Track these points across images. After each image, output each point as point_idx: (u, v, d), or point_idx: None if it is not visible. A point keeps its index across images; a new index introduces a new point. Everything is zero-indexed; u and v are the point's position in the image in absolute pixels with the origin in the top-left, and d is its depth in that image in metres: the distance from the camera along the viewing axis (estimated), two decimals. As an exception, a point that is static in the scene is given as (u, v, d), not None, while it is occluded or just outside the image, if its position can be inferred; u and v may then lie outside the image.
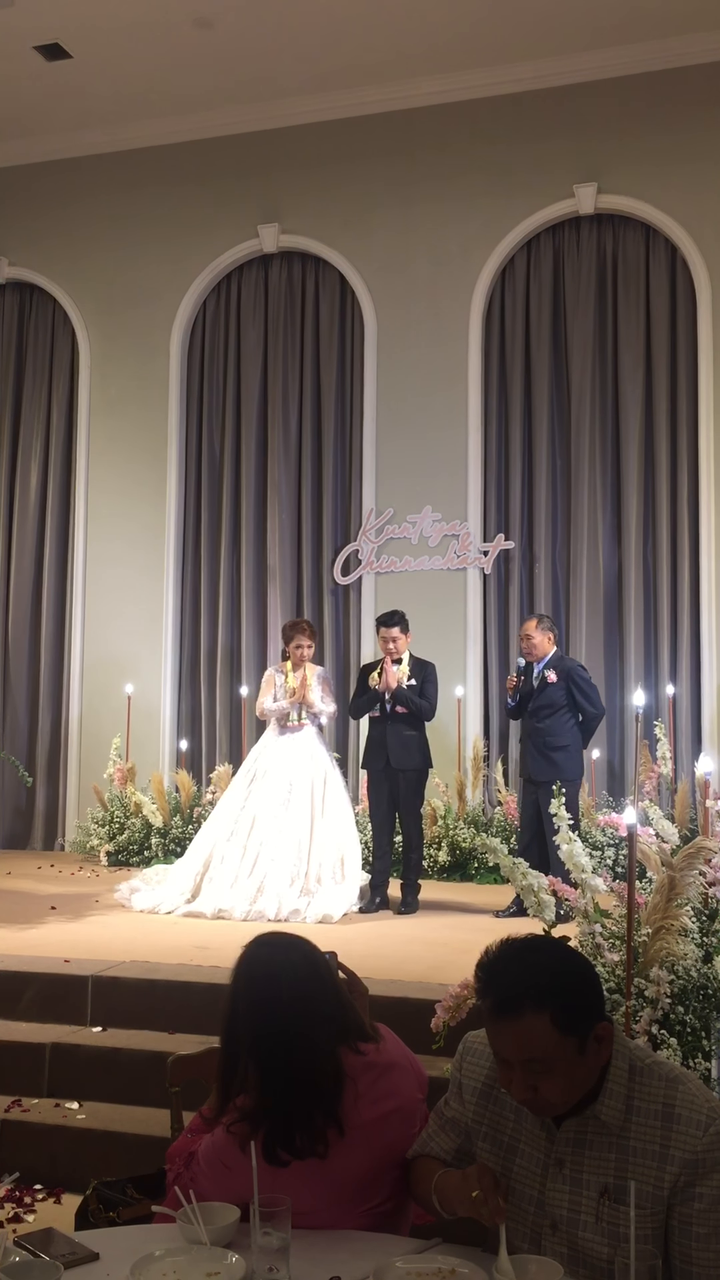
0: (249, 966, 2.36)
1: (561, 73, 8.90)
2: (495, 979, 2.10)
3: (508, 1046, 2.06)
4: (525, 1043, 2.03)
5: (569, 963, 2.14)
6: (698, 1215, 1.99)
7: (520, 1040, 2.03)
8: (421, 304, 9.29)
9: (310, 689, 7.09)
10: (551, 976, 2.07)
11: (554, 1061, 2.02)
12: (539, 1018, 2.02)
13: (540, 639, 6.77)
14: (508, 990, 2.06)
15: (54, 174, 10.29)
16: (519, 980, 2.06)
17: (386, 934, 6.22)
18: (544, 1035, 2.02)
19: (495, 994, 2.08)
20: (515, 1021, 2.04)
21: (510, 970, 2.10)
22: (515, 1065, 2.05)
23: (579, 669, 6.86)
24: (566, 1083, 2.05)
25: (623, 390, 8.89)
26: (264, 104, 9.53)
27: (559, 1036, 2.02)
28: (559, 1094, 2.05)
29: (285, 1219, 2.00)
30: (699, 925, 4.56)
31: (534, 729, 6.70)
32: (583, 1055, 2.05)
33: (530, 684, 6.77)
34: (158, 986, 5.08)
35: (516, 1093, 2.07)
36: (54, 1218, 3.76)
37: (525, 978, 2.06)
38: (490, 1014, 2.08)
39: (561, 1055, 2.03)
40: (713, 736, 8.37)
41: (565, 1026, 2.02)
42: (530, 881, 4.31)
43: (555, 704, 6.66)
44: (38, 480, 10.34)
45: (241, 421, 9.86)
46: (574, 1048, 2.04)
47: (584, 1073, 2.07)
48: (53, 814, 10.03)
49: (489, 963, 2.13)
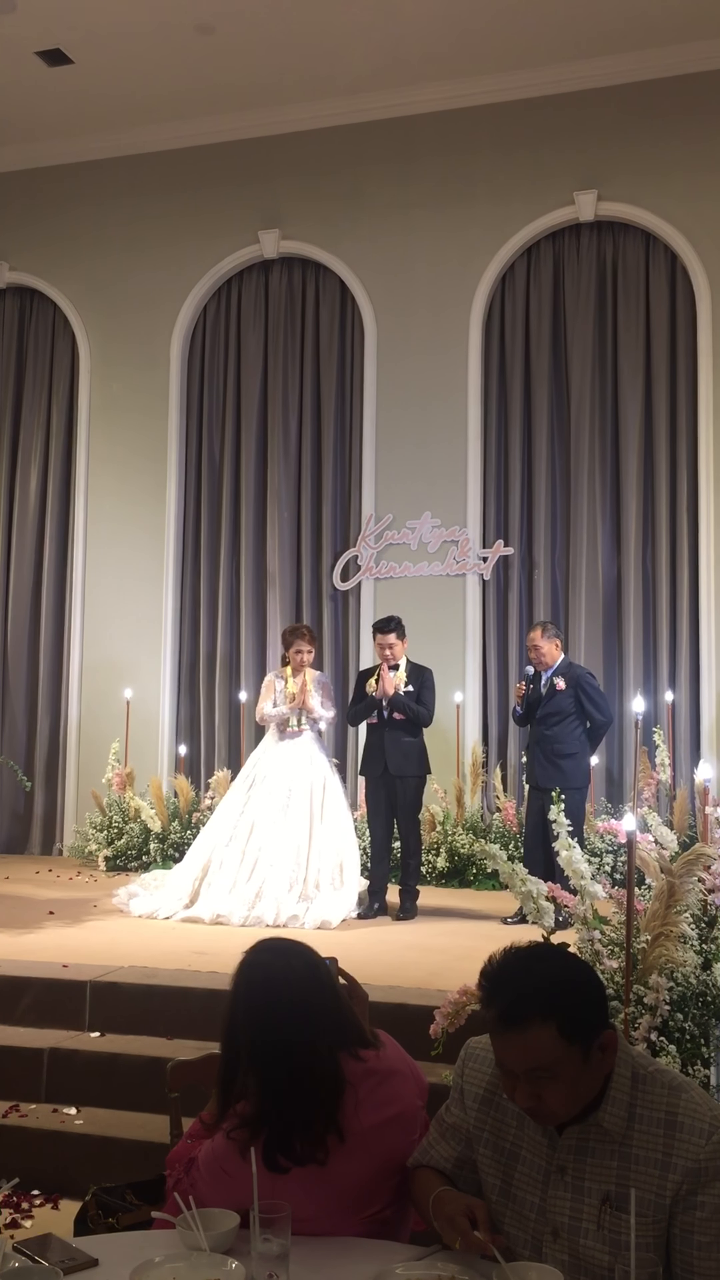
0: (249, 972, 2.35)
1: (562, 80, 8.92)
2: (500, 989, 2.09)
3: (513, 1056, 2.05)
4: (531, 1053, 2.02)
5: (574, 972, 2.13)
6: (699, 1224, 1.99)
7: (526, 1050, 2.03)
8: (422, 310, 9.30)
9: (310, 694, 7.08)
10: (557, 986, 2.06)
11: (559, 1070, 2.02)
12: (545, 1028, 2.02)
13: (547, 647, 6.75)
14: (513, 1000, 2.05)
15: (55, 179, 10.30)
16: (525, 990, 2.05)
17: (385, 940, 6.21)
18: (550, 1045, 2.01)
19: (501, 1004, 2.07)
20: (521, 1032, 2.03)
21: (515, 980, 2.09)
22: (520, 1074, 2.05)
23: (588, 676, 6.86)
24: (571, 1091, 2.04)
25: (622, 397, 8.90)
26: (265, 110, 9.55)
27: (565, 1046, 2.02)
28: (563, 1102, 2.04)
29: (285, 1225, 1.99)
30: (698, 932, 4.56)
31: (542, 736, 6.69)
32: (587, 1064, 2.05)
33: (538, 691, 6.76)
34: (156, 992, 5.07)
35: (521, 1101, 2.06)
36: (51, 1224, 3.75)
37: (531, 988, 2.06)
38: (496, 1024, 2.08)
39: (567, 1064, 2.02)
40: (711, 743, 8.37)
41: (571, 1036, 2.02)
42: (529, 888, 4.31)
43: (564, 711, 6.65)
44: (37, 485, 10.34)
45: (241, 426, 9.87)
46: (579, 1056, 2.03)
47: (588, 1081, 2.06)
48: (51, 819, 10.02)
49: (494, 972, 2.13)
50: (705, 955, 4.41)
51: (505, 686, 8.97)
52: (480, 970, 2.15)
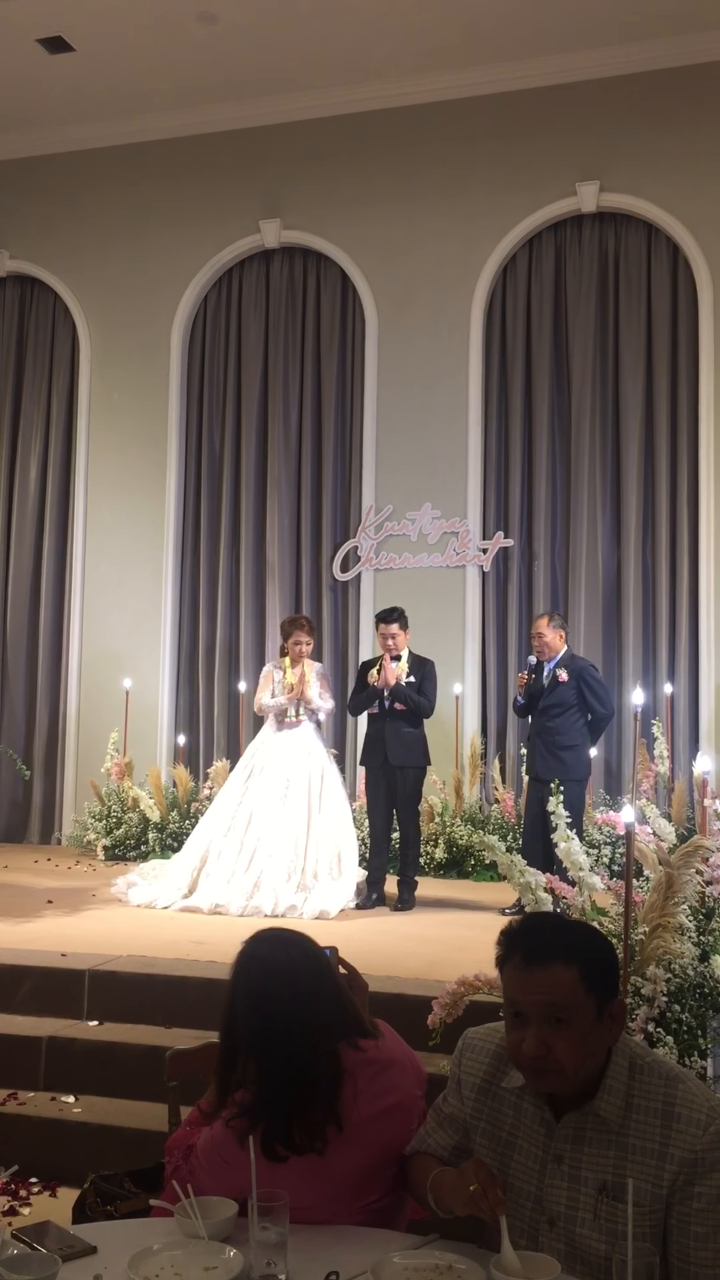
0: (249, 962, 2.35)
1: (564, 70, 8.89)
2: (524, 937, 2.16)
3: (533, 992, 2.08)
4: (552, 988, 2.06)
5: (594, 933, 2.23)
6: (696, 1214, 2.00)
7: (547, 986, 2.07)
8: (423, 300, 9.28)
9: (308, 685, 7.08)
10: (580, 937, 2.16)
11: (574, 1017, 2.06)
12: (568, 970, 2.08)
13: (552, 636, 6.75)
14: (541, 942, 2.12)
15: (56, 167, 10.27)
16: (550, 936, 2.14)
17: (383, 930, 6.23)
18: (571, 985, 2.07)
19: (525, 947, 2.13)
20: (544, 969, 2.08)
21: (540, 930, 2.18)
22: (533, 1019, 2.07)
23: (590, 669, 6.85)
24: (581, 1044, 2.06)
25: (623, 389, 8.89)
26: (267, 99, 9.52)
27: (584, 992, 2.07)
28: (571, 1055, 2.06)
29: (283, 1214, 2.00)
30: (696, 924, 4.57)
31: (544, 728, 6.68)
32: (599, 1023, 2.09)
33: (540, 683, 6.76)
34: (154, 981, 5.08)
35: (529, 1048, 2.07)
36: (49, 1211, 3.76)
37: (556, 935, 2.15)
38: (519, 963, 2.11)
39: (582, 1013, 2.06)
40: (710, 735, 8.38)
41: (590, 984, 2.08)
42: (528, 879, 4.32)
43: (566, 703, 6.64)
44: (37, 474, 10.33)
45: (242, 416, 9.85)
46: (593, 1010, 2.08)
47: (595, 1043, 2.09)
48: (50, 808, 10.03)
49: (515, 928, 2.20)
50: (703, 947, 4.42)
51: (505, 678, 8.97)
52: (500, 931, 2.21)
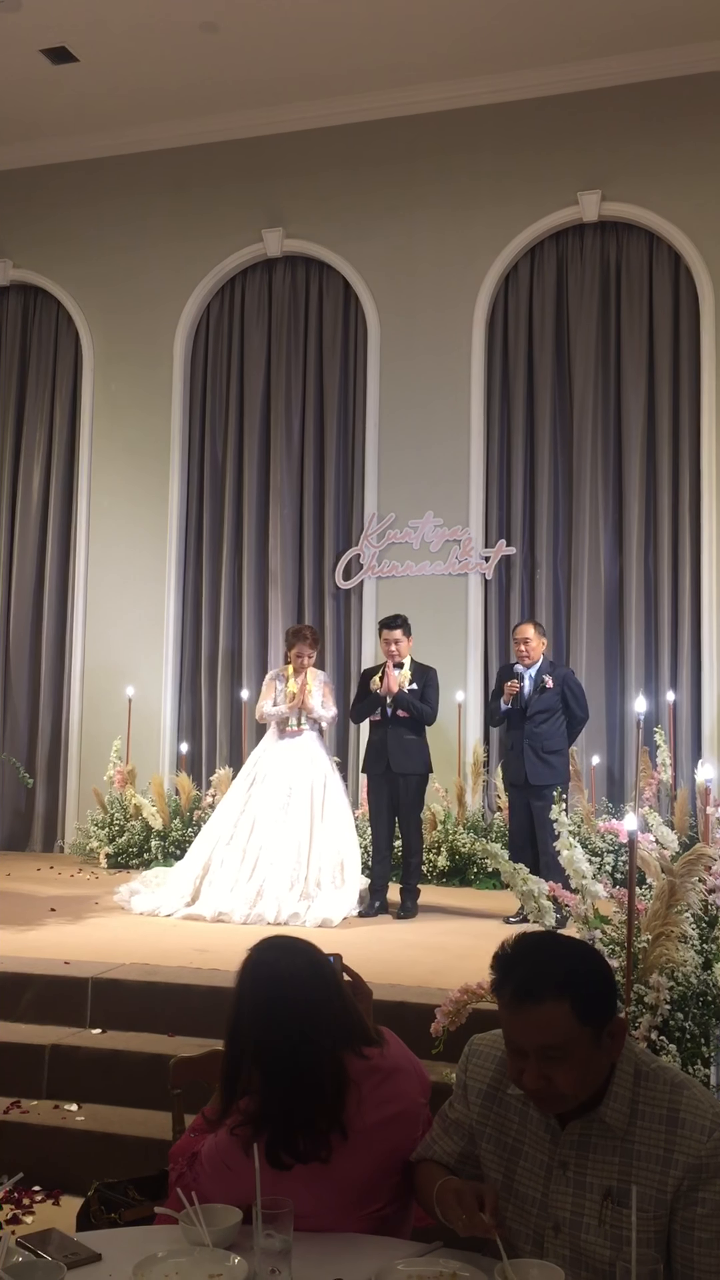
0: (254, 970, 2.36)
1: (566, 80, 8.93)
2: (515, 968, 2.12)
3: (526, 1033, 2.06)
4: (545, 1029, 2.04)
5: (588, 956, 2.17)
6: (700, 1220, 2.00)
7: (540, 1026, 2.04)
8: (425, 309, 9.31)
9: (310, 694, 7.09)
10: (572, 967, 2.10)
11: (571, 1050, 2.04)
12: (559, 1005, 2.04)
13: (537, 643, 6.92)
14: (529, 977, 2.08)
15: (59, 177, 10.31)
16: (541, 968, 2.09)
17: (386, 938, 6.22)
18: (564, 1022, 2.03)
19: (516, 981, 2.09)
20: (536, 1007, 2.05)
21: (530, 959, 2.12)
22: (530, 1054, 2.06)
23: (572, 675, 7.13)
24: (580, 1073, 2.05)
25: (625, 398, 8.91)
26: (269, 109, 9.56)
27: (578, 1024, 2.04)
28: (572, 1084, 2.05)
29: (287, 1221, 2.00)
30: (699, 932, 4.57)
31: (531, 733, 6.76)
32: (597, 1047, 2.07)
33: (523, 690, 6.85)
34: (157, 989, 5.08)
35: (529, 1082, 2.07)
36: (52, 1220, 3.75)
37: (547, 966, 2.09)
38: (510, 1001, 2.09)
39: (578, 1045, 2.04)
40: (713, 743, 8.38)
41: (584, 1015, 2.04)
42: (530, 887, 4.32)
43: (552, 708, 6.81)
44: (40, 482, 10.35)
45: (244, 425, 9.87)
46: (590, 1038, 2.05)
47: (596, 1066, 2.08)
48: (52, 816, 10.03)
49: (507, 955, 2.15)
50: (706, 955, 4.42)
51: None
52: (493, 955, 2.18)
